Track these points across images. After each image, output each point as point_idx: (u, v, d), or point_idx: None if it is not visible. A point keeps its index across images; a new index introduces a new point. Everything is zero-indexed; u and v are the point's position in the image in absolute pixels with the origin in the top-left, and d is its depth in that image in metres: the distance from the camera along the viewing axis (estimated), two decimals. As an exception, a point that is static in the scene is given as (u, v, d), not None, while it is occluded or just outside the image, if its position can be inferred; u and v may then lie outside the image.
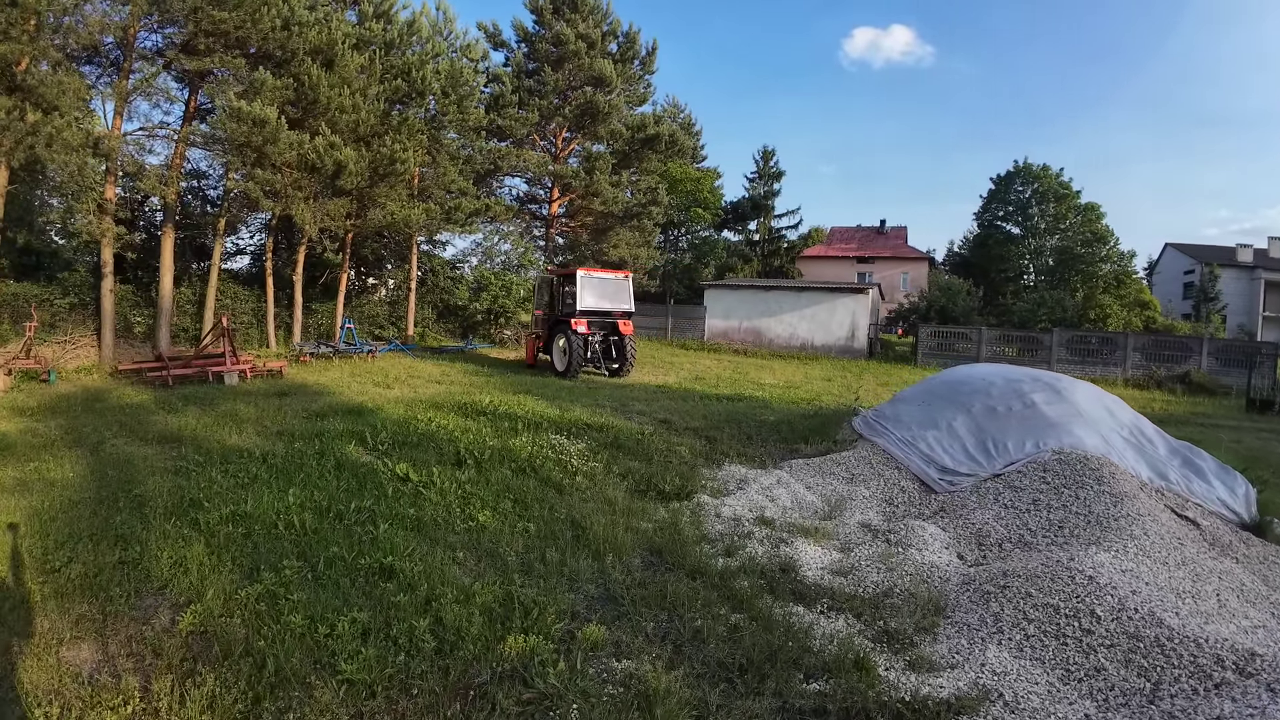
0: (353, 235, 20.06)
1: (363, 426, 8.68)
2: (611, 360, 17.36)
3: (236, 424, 9.00)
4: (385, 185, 17.36)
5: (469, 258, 27.46)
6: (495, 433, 8.91)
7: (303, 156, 15.14)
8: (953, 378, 10.31)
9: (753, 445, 9.87)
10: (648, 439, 9.44)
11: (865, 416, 10.70)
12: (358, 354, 17.35)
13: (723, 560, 5.50)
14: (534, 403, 11.74)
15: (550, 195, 27.90)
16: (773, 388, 17.01)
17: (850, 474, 8.41)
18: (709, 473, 8.23)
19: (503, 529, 5.57)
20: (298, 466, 6.80)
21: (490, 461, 7.51)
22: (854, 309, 29.20)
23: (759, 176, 49.27)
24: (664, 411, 11.98)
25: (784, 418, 12.09)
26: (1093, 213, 48.44)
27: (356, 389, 12.67)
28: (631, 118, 25.97)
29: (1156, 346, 27.12)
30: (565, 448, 8.24)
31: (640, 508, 6.58)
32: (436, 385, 13.83)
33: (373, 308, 23.70)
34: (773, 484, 7.92)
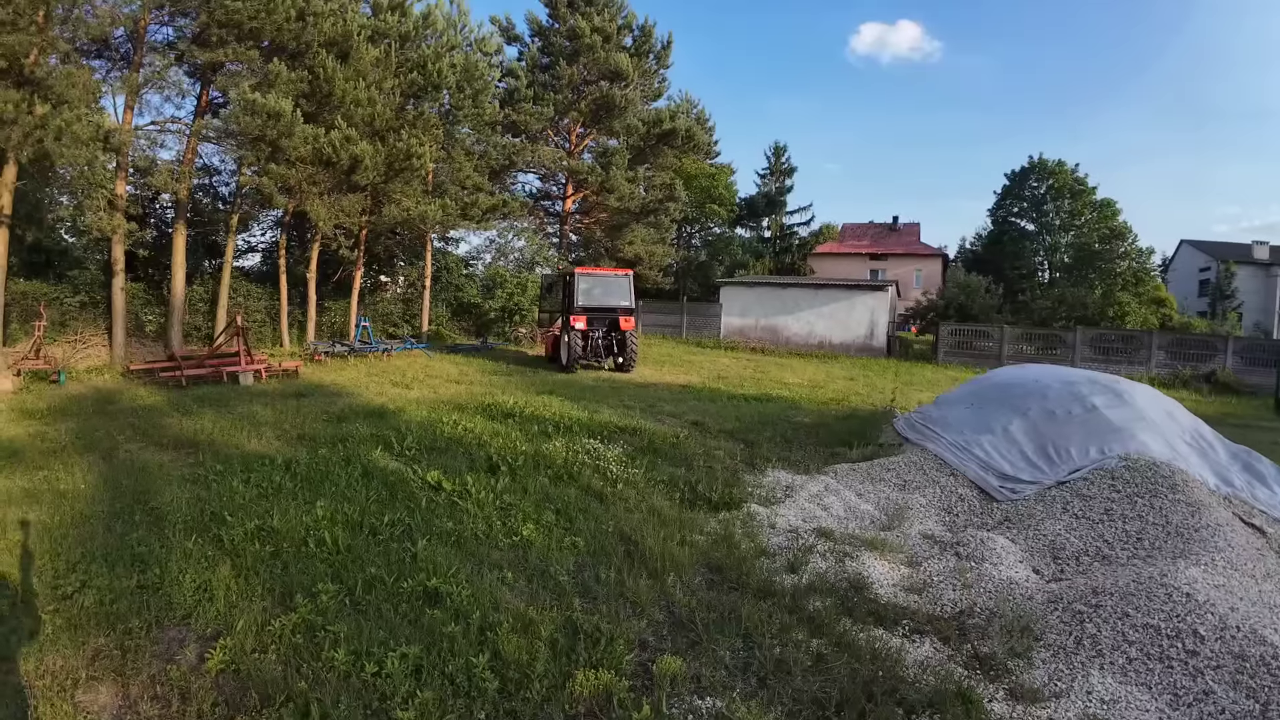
0: (367, 232, 19.67)
1: (387, 430, 8.27)
2: (614, 355, 17.79)
3: (255, 427, 8.60)
4: (401, 181, 16.96)
5: (482, 255, 27.11)
6: (525, 437, 8.48)
7: (318, 151, 14.74)
8: (1001, 380, 9.84)
9: (792, 449, 9.42)
10: (683, 443, 9.00)
11: (908, 419, 10.24)
12: (373, 353, 16.97)
13: (789, 577, 5.10)
14: (559, 404, 11.32)
15: (564, 192, 27.46)
16: (798, 387, 16.55)
17: (902, 480, 7.98)
18: (752, 479, 7.80)
19: (550, 544, 5.13)
20: (323, 475, 6.38)
21: (525, 468, 7.08)
22: (873, 306, 28.67)
23: (770, 173, 48.69)
24: (694, 413, 11.54)
25: (819, 420, 11.64)
26: (1108, 209, 47.73)
27: (375, 389, 12.27)
28: (647, 113, 25.51)
29: (1181, 345, 26.52)
30: (601, 453, 7.80)
31: (689, 519, 6.15)
32: (456, 385, 13.43)
33: (386, 305, 23.33)
34: (821, 491, 7.51)
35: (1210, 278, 48.78)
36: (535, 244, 25.89)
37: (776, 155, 49.05)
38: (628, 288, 18.17)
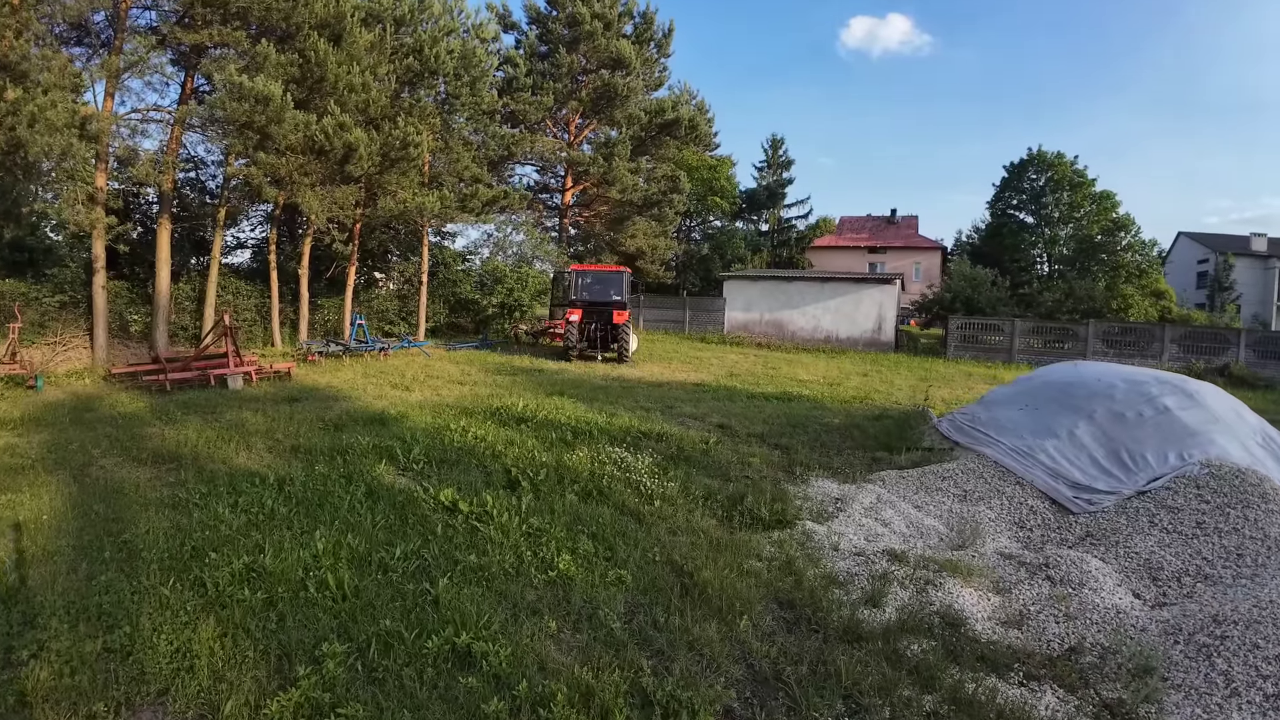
0: (361, 226, 18.82)
1: (390, 440, 7.48)
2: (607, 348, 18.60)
3: (244, 437, 7.80)
4: (397, 171, 16.10)
5: (480, 249, 26.24)
6: (543, 445, 7.71)
7: (310, 139, 13.89)
8: (1056, 379, 9.14)
9: (830, 454, 8.71)
10: (714, 450, 8.27)
11: (952, 420, 9.55)
12: (370, 352, 16.15)
13: (871, 613, 4.42)
14: (573, 406, 10.56)
15: (563, 184, 26.62)
16: (815, 385, 15.84)
17: (962, 490, 7.31)
18: (797, 490, 7.09)
19: (592, 580, 4.38)
20: (322, 496, 5.59)
21: (548, 483, 6.32)
22: (880, 300, 28.00)
23: (768, 165, 47.90)
24: (716, 414, 10.82)
25: (849, 421, 10.93)
26: (1108, 201, 47.42)
27: (373, 392, 11.47)
28: (649, 102, 24.68)
29: (1193, 338, 26.08)
30: (630, 464, 7.05)
31: (741, 541, 5.42)
32: (459, 386, 12.63)
33: (381, 302, 22.46)
34: (874, 503, 6.83)
35: (1208, 270, 48.58)
36: (535, 238, 25.06)
37: (774, 148, 48.29)
38: (620, 283, 19.13)
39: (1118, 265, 42.44)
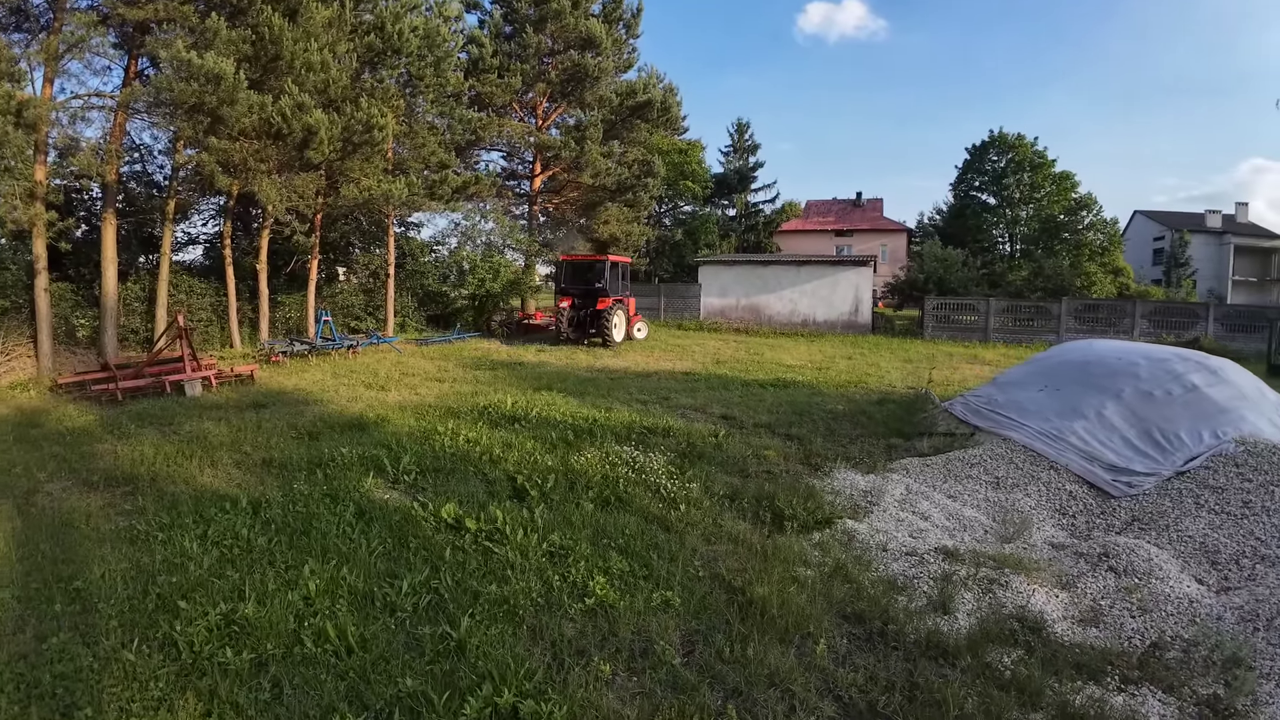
0: (323, 216, 17.76)
1: (375, 449, 6.75)
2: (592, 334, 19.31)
3: (207, 452, 6.99)
4: (360, 157, 15.12)
5: (447, 239, 25.20)
6: (544, 447, 7.07)
7: (266, 121, 12.88)
8: (1073, 358, 8.79)
9: (843, 443, 8.26)
10: (726, 443, 7.74)
11: (966, 403, 9.15)
12: (337, 350, 15.22)
13: (945, 621, 3.98)
14: (564, 401, 9.92)
15: (532, 170, 25.70)
16: (803, 370, 15.44)
17: (993, 477, 6.93)
18: (821, 484, 6.62)
19: (636, 605, 3.80)
20: (305, 521, 4.88)
21: (558, 491, 5.69)
22: (857, 283, 27.79)
23: (734, 150, 47.52)
24: (717, 405, 10.29)
25: (853, 407, 10.50)
26: (1067, 181, 48.32)
27: (347, 394, 10.66)
28: (619, 84, 23.89)
29: (1163, 313, 26.51)
30: (644, 464, 6.45)
31: (783, 547, 4.91)
32: (438, 384, 11.87)
33: (346, 297, 21.37)
34: (906, 495, 6.43)
35: (1164, 247, 49.68)
36: (505, 226, 24.15)
37: (739, 132, 47.90)
38: (602, 271, 19.49)
39: (1080, 244, 43.14)
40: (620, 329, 19.51)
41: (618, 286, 20.21)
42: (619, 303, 19.56)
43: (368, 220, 20.66)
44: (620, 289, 20.41)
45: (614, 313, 18.99)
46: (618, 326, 19.30)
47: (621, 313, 19.64)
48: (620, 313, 19.52)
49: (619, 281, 20.44)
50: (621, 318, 19.68)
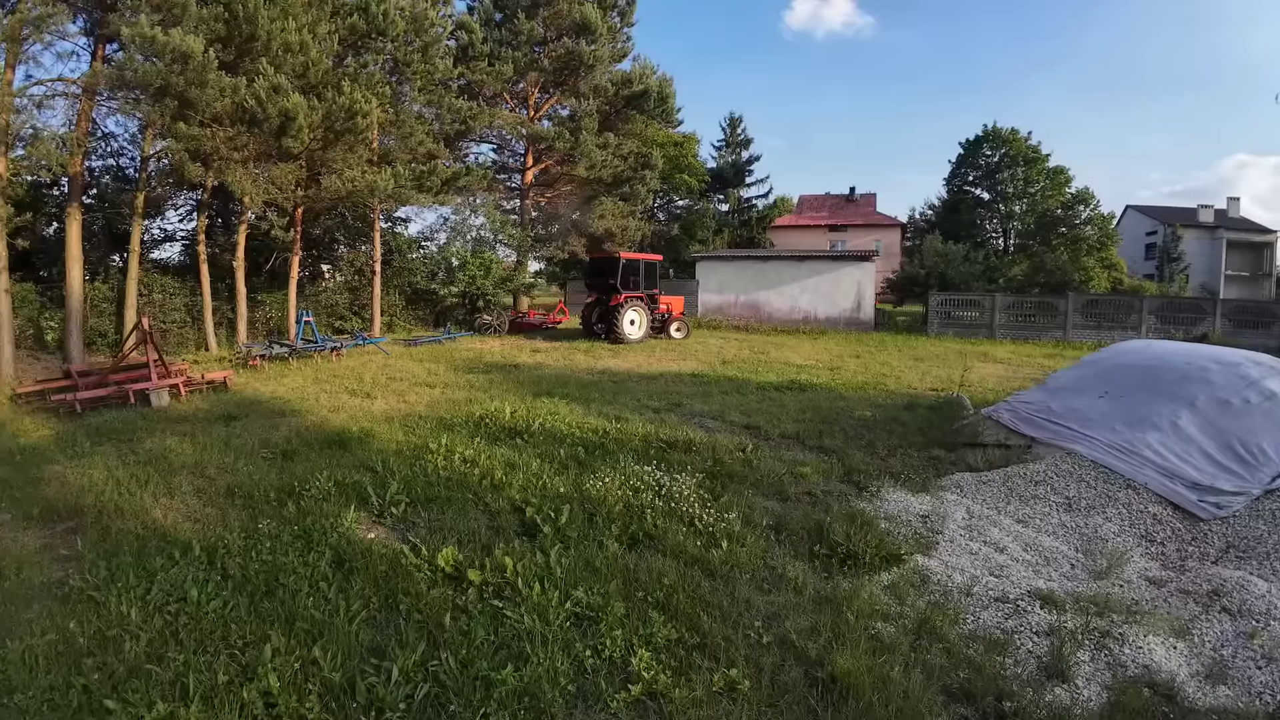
0: (304, 210, 16.75)
1: (358, 474, 5.82)
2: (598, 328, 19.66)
3: (165, 476, 6.04)
4: (343, 146, 14.13)
5: (436, 234, 24.21)
6: (553, 467, 6.17)
7: (239, 105, 11.88)
8: (1133, 361, 7.97)
9: (882, 456, 7.45)
10: (756, 459, 6.87)
11: (1013, 410, 8.32)
12: (320, 352, 14.23)
13: (1067, 693, 3.18)
14: (568, 410, 9.02)
15: (523, 163, 24.74)
16: (815, 370, 14.62)
17: (1064, 498, 6.12)
18: (870, 507, 5.82)
19: (694, 692, 2.92)
20: (270, 574, 3.95)
21: (575, 525, 4.80)
22: (859, 278, 27.06)
23: (726, 144, 46.74)
24: (734, 412, 9.43)
25: (883, 413, 9.67)
26: (1061, 176, 48.10)
27: (328, 402, 9.70)
28: (615, 74, 22.96)
29: (1171, 309, 26.04)
30: (670, 489, 5.57)
31: (850, 596, 4.04)
32: (428, 390, 10.93)
33: (329, 296, 20.39)
34: (971, 520, 5.65)
35: (1156, 241, 49.47)
36: (496, 220, 23.17)
37: (732, 126, 47.14)
38: (614, 269, 19.30)
39: (1078, 239, 42.65)
40: (638, 326, 19.23)
41: (633, 284, 19.76)
42: (636, 300, 19.23)
43: (352, 215, 19.66)
44: (638, 286, 19.83)
45: (626, 310, 18.81)
46: (633, 323, 19.06)
47: (638, 311, 19.24)
48: (636, 310, 19.17)
49: (636, 279, 19.96)
50: (639, 315, 19.28)
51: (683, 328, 20.91)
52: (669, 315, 20.83)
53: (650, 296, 20.09)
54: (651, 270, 20.64)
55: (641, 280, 19.96)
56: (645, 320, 19.48)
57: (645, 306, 19.54)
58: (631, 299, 19.20)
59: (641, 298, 19.56)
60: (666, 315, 20.78)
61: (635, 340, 19.07)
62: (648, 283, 20.21)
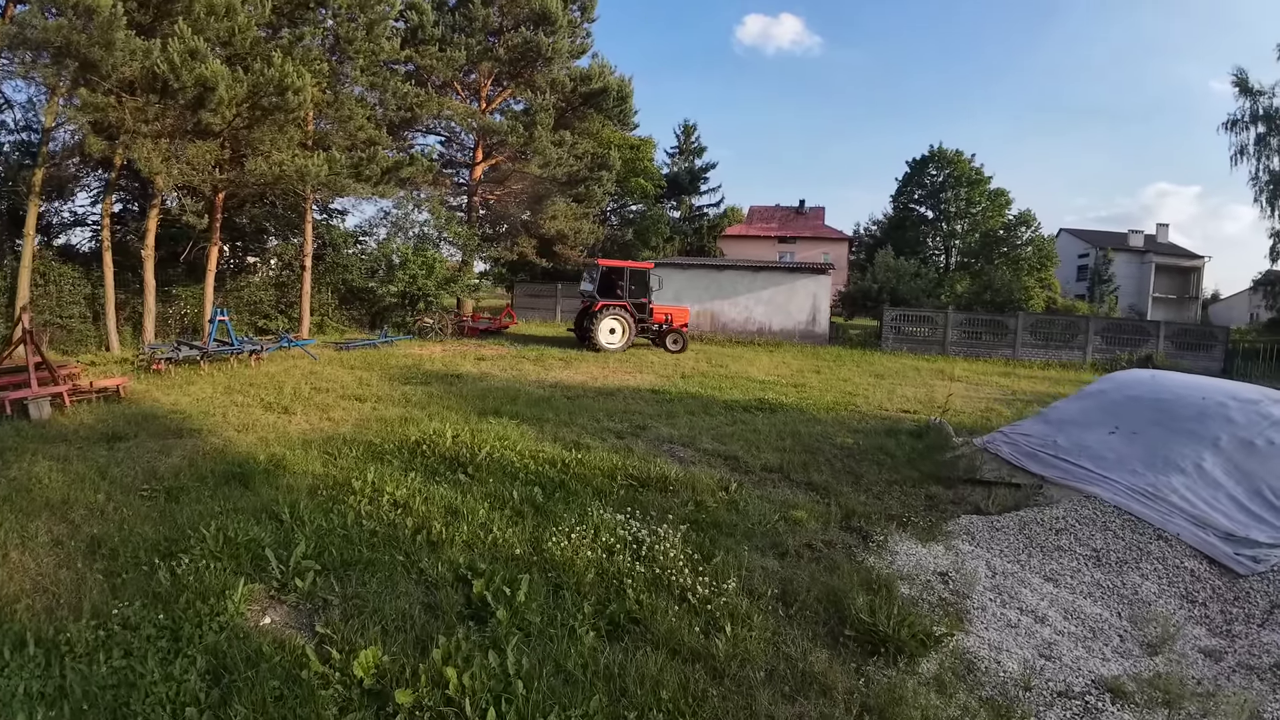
0: (225, 195, 15.10)
1: (258, 526, 4.61)
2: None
3: (21, 519, 4.71)
4: (271, 125, 12.65)
5: (375, 229, 22.58)
6: (505, 516, 5.08)
7: (150, 71, 10.37)
8: (1142, 393, 7.37)
9: (875, 494, 6.68)
10: (741, 500, 5.95)
11: (1015, 444, 7.64)
12: (236, 355, 12.69)
13: None
14: (519, 433, 7.94)
15: (472, 158, 23.38)
16: (778, 386, 13.91)
17: (1091, 550, 5.50)
18: (879, 562, 5.01)
19: None
20: (118, 695, 2.78)
21: (537, 603, 3.76)
22: (815, 291, 26.65)
23: (680, 152, 46.33)
24: (706, 437, 8.52)
25: (862, 440, 8.92)
26: (1002, 198, 49.68)
27: (237, 418, 8.33)
28: (574, 69, 21.89)
29: (1116, 330, 26.54)
30: (651, 545, 4.57)
31: (892, 698, 3.15)
32: (358, 404, 9.64)
33: (254, 292, 18.63)
34: (996, 579, 5.16)
35: (1088, 264, 51.34)
36: (441, 217, 21.75)
37: (686, 134, 46.85)
38: (595, 276, 19.33)
39: (1019, 258, 43.71)
40: (618, 335, 18.67)
41: (618, 292, 19.25)
42: (619, 309, 18.72)
43: (282, 204, 17.99)
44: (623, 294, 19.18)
45: (604, 318, 18.41)
46: (612, 331, 18.60)
47: (619, 319, 18.68)
48: (616, 319, 18.65)
49: (622, 287, 19.29)
50: (620, 324, 18.63)
51: (679, 340, 19.72)
52: (666, 325, 19.87)
53: (639, 305, 19.40)
54: (641, 278, 19.88)
55: (628, 288, 19.31)
56: (626, 329, 18.77)
57: (629, 315, 18.79)
58: (612, 307, 18.62)
59: (625, 306, 18.87)
60: (664, 325, 19.85)
61: (614, 349, 18.44)
62: (637, 291, 19.51)
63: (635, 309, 19.25)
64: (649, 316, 19.68)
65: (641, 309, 19.49)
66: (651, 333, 19.80)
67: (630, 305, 19.05)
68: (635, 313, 19.17)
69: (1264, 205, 27.40)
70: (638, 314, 19.31)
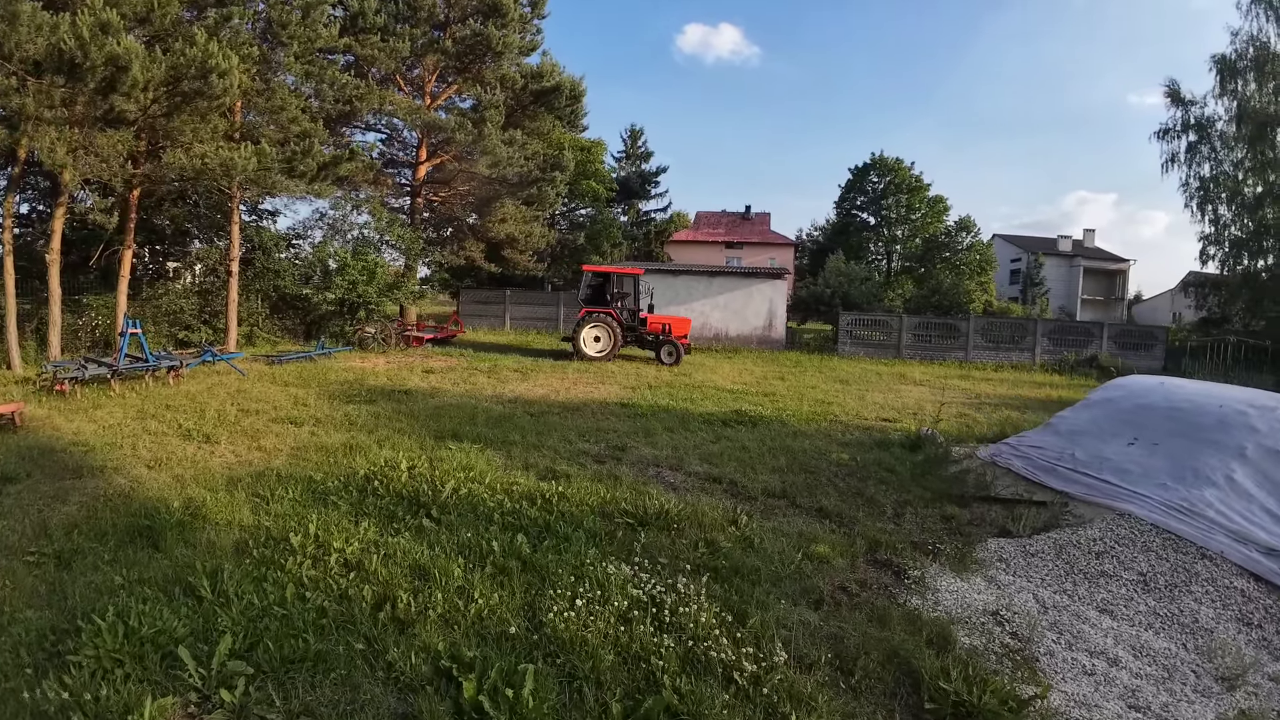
0: (141, 192, 13.57)
1: (170, 612, 3.54)
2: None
3: None
4: (193, 113, 11.31)
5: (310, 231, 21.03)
6: (485, 573, 4.16)
7: (55, 48, 9.00)
8: (1154, 400, 6.93)
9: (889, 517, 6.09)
10: (754, 535, 5.20)
11: (1027, 457, 7.12)
12: (152, 372, 11.27)
13: None
14: (485, 461, 7.01)
15: (416, 156, 22.11)
16: (750, 396, 13.30)
17: (1137, 574, 5.07)
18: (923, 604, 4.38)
19: None
20: None
21: (546, 701, 2.88)
22: (771, 296, 26.34)
23: (627, 156, 45.76)
24: (693, 457, 7.76)
25: (856, 454, 8.32)
26: (940, 205, 51.10)
27: (149, 450, 7.11)
28: (524, 66, 20.89)
29: (1062, 332, 27.09)
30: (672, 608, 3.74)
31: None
32: (293, 428, 8.48)
33: (174, 300, 16.97)
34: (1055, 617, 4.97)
35: (1020, 268, 53.17)
36: (383, 219, 20.40)
37: (633, 138, 46.34)
38: (581, 285, 18.83)
39: (961, 263, 44.74)
40: (603, 343, 17.82)
41: (605, 298, 18.37)
42: (605, 315, 17.78)
43: (205, 203, 16.44)
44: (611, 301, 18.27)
45: (586, 324, 17.72)
46: (597, 339, 17.81)
47: (603, 327, 17.80)
48: (601, 327, 17.79)
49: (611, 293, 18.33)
50: (604, 331, 17.78)
51: (674, 353, 18.05)
52: (663, 335, 18.30)
53: (631, 313, 18.35)
54: (630, 284, 18.77)
55: (617, 294, 18.37)
56: (612, 337, 17.72)
57: (614, 322, 17.71)
58: (597, 314, 17.73)
59: (612, 313, 17.80)
60: (661, 335, 18.30)
61: (596, 358, 17.66)
62: (626, 298, 18.49)
63: (628, 316, 18.20)
64: (642, 325, 18.41)
65: (632, 317, 18.38)
66: (646, 342, 18.51)
67: (617, 312, 17.95)
68: (624, 320, 18.10)
69: (1194, 210, 28.37)
70: (629, 322, 18.23)
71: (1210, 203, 27.90)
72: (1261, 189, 26.32)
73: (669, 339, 18.22)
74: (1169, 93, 28.36)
